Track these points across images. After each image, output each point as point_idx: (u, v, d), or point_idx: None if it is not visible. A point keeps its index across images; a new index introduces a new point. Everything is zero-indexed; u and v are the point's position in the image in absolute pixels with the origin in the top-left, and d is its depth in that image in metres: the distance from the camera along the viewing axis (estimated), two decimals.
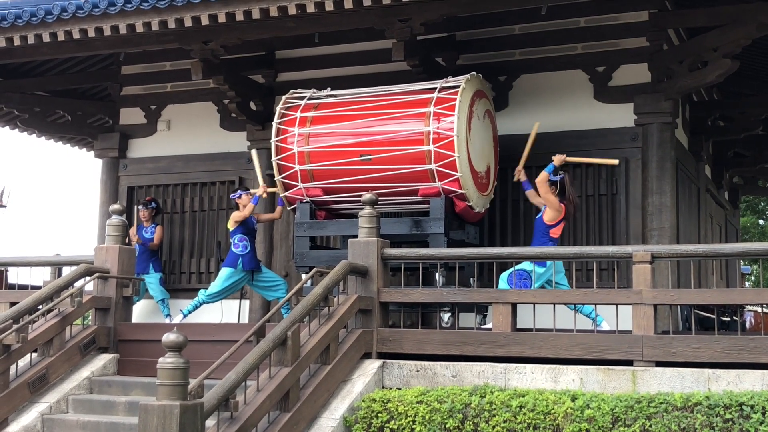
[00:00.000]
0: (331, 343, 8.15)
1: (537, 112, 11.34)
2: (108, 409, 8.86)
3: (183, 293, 12.61)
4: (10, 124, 14.71)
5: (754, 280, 28.33)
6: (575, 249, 8.97)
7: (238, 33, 10.60)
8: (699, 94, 13.37)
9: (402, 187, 10.11)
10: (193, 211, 13.11)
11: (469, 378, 8.28)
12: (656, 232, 10.57)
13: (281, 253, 12.40)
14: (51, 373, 9.08)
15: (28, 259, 11.19)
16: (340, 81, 11.76)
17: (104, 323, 9.94)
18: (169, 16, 10.05)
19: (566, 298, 8.67)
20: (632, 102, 10.92)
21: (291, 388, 7.42)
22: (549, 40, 11.39)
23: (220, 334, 9.52)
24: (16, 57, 11.81)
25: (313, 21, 10.17)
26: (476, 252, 9.18)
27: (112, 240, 10.20)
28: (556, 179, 9.78)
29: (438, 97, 10.04)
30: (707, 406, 6.99)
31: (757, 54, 12.13)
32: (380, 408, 7.81)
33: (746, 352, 7.71)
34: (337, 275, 8.45)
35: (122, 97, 13.72)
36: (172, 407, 6.07)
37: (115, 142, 13.51)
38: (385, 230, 9.58)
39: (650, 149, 10.75)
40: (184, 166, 13.11)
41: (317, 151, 10.40)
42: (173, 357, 6.19)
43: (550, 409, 7.34)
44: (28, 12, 10.52)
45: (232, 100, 11.92)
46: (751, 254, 8.40)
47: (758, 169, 16.77)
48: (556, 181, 9.76)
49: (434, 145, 9.86)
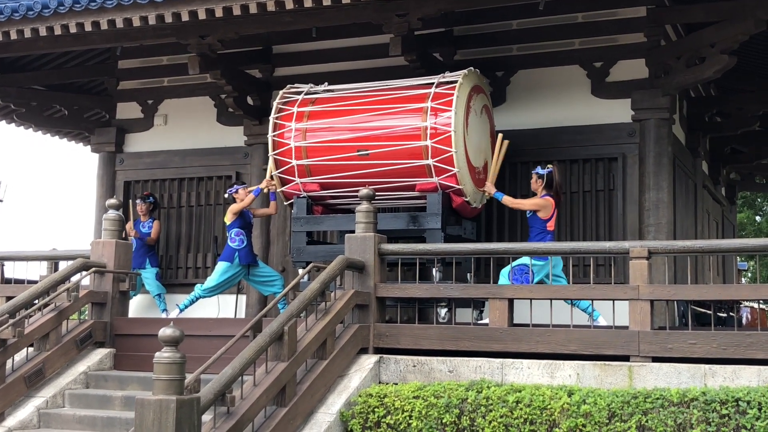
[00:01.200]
0: (327, 339, 8.15)
1: (534, 108, 11.36)
2: (104, 404, 8.87)
3: (179, 288, 12.59)
4: (7, 118, 14.67)
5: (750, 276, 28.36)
6: (572, 244, 9.00)
7: (236, 27, 10.58)
8: (696, 90, 13.37)
9: (399, 182, 10.11)
10: (189, 205, 13.09)
11: (465, 373, 8.29)
12: (653, 227, 10.57)
13: (278, 248, 12.39)
14: (47, 368, 9.09)
15: (25, 253, 11.19)
16: (337, 76, 11.74)
17: (101, 318, 9.94)
18: (166, 10, 10.04)
19: (563, 294, 8.69)
20: (629, 98, 10.92)
21: (288, 383, 7.42)
22: (546, 35, 11.39)
23: (216, 329, 9.53)
24: (12, 51, 11.79)
25: (310, 15, 10.15)
26: (473, 247, 9.18)
27: (108, 234, 10.19)
28: (543, 173, 9.82)
29: (435, 92, 10.03)
30: (703, 401, 6.99)
31: (755, 50, 12.12)
32: (377, 403, 7.82)
33: (743, 348, 7.72)
34: (334, 270, 8.45)
35: (119, 92, 13.69)
36: (169, 402, 6.07)
37: (111, 137, 13.48)
38: (382, 225, 9.60)
39: (647, 145, 10.75)
40: (181, 160, 13.09)
41: (314, 146, 10.39)
42: (170, 352, 6.18)
43: (547, 405, 7.34)
44: (24, 6, 10.48)
45: (229, 94, 11.91)
46: (748, 250, 8.41)
47: (755, 166, 16.78)
48: (544, 174, 9.81)
49: (431, 141, 9.86)
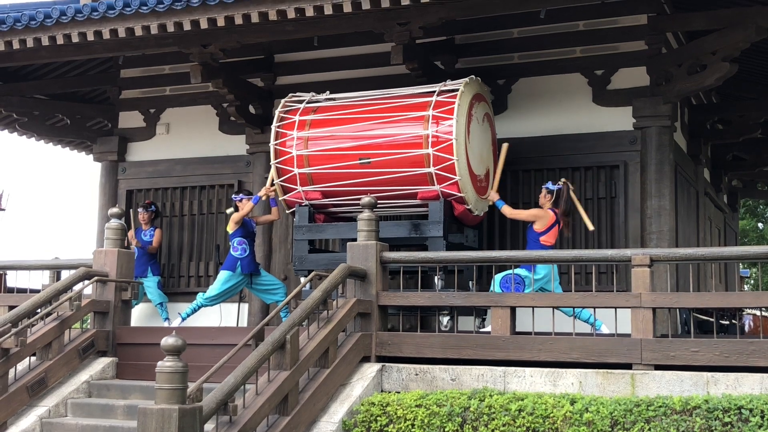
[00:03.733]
0: (330, 347, 8.15)
1: (536, 116, 11.37)
2: (107, 413, 8.86)
3: (182, 296, 12.60)
4: (9, 127, 14.70)
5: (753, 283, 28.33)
6: (574, 252, 9.00)
7: (237, 36, 10.61)
8: (698, 97, 13.38)
9: (401, 190, 10.12)
10: (192, 214, 13.10)
11: (468, 381, 8.28)
12: (655, 235, 10.58)
13: (280, 256, 12.40)
14: (50, 377, 9.08)
15: (27, 262, 11.19)
16: (339, 84, 11.77)
17: (103, 327, 9.94)
18: (168, 19, 10.06)
19: (565, 302, 8.67)
20: (631, 105, 10.93)
21: (290, 392, 7.41)
22: (548, 43, 11.41)
23: (218, 338, 9.52)
24: (15, 60, 11.82)
25: (312, 24, 10.17)
26: (475, 255, 9.18)
27: (110, 243, 10.19)
28: (553, 188, 9.87)
29: (437, 100, 10.04)
30: (706, 409, 6.99)
31: (756, 57, 12.13)
32: (379, 412, 7.81)
33: (745, 356, 7.72)
34: (336, 278, 8.45)
35: (121, 101, 13.72)
36: (171, 411, 6.07)
37: (114, 146, 13.50)
38: (384, 233, 9.60)
39: (649, 152, 10.76)
40: (183, 169, 13.10)
41: (316, 155, 10.40)
42: (172, 360, 6.19)
43: (549, 413, 7.34)
44: (27, 15, 10.51)
45: (231, 103, 11.93)
46: (750, 257, 8.40)
47: (757, 173, 16.76)
48: (554, 190, 9.85)
49: (433, 149, 9.87)
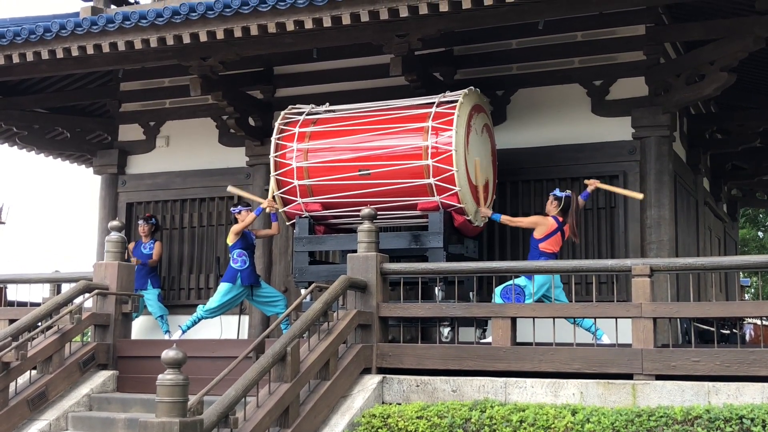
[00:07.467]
0: (330, 359, 8.14)
1: (535, 126, 11.39)
2: (107, 426, 8.84)
3: (182, 309, 12.57)
4: (9, 141, 14.73)
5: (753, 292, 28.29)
6: (574, 262, 9.00)
7: (237, 49, 10.64)
8: (696, 107, 13.40)
9: (401, 201, 10.13)
10: (192, 226, 13.11)
11: (469, 392, 8.27)
12: (655, 245, 10.58)
13: (280, 268, 12.40)
14: (50, 391, 9.07)
15: (27, 275, 11.18)
16: (338, 96, 11.78)
17: (103, 340, 9.93)
18: (167, 32, 10.09)
19: (565, 312, 8.67)
20: (630, 115, 10.94)
21: (291, 404, 7.40)
22: (546, 54, 11.43)
23: (219, 350, 9.50)
24: (15, 74, 11.84)
25: (311, 37, 10.20)
26: (475, 266, 9.18)
27: (111, 256, 10.19)
28: (561, 195, 9.85)
29: (436, 111, 10.06)
30: (707, 419, 6.98)
31: (754, 67, 12.16)
32: (380, 423, 7.80)
33: (746, 365, 7.71)
34: (337, 290, 8.45)
35: (121, 114, 13.74)
36: (172, 424, 6.07)
37: (114, 159, 13.52)
38: (384, 245, 9.60)
39: (648, 162, 10.77)
40: (182, 182, 13.11)
41: (316, 167, 10.41)
42: (172, 373, 6.19)
43: (551, 424, 7.33)
44: (26, 29, 10.53)
45: (231, 115, 11.95)
46: (750, 267, 8.40)
47: (756, 182, 16.79)
48: (561, 197, 9.83)
49: (432, 160, 9.88)
